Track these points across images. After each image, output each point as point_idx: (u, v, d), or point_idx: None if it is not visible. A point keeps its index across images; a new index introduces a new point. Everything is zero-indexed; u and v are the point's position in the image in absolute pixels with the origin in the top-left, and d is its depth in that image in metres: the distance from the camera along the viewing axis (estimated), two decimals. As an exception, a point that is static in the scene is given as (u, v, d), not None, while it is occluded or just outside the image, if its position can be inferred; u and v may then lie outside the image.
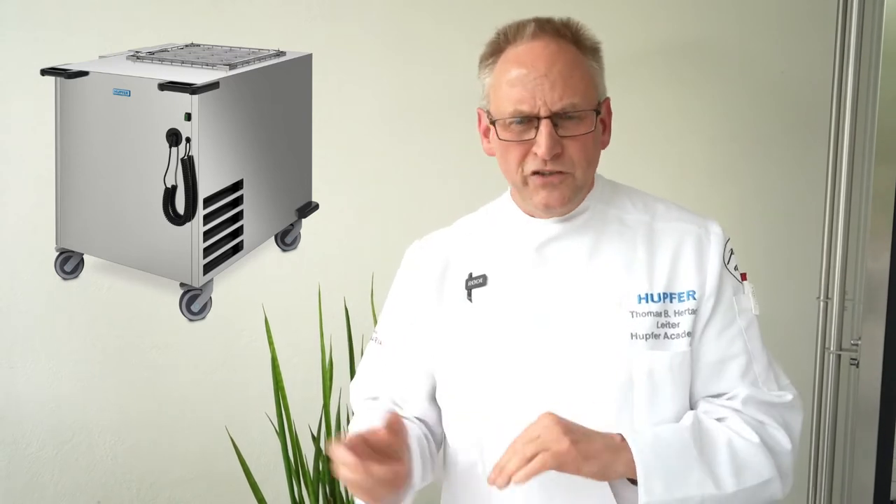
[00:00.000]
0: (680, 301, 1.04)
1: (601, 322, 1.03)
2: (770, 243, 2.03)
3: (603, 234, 1.07)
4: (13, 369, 2.04)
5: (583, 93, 1.01)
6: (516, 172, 1.03)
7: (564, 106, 0.99)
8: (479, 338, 1.07)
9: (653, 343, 1.02)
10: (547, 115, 0.99)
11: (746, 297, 1.07)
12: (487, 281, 1.08)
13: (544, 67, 1.00)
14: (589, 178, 1.05)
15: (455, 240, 1.15)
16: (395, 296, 1.18)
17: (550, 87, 0.99)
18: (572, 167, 1.01)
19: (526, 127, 1.01)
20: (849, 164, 1.76)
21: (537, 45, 1.01)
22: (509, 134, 1.02)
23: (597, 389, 1.02)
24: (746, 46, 2.00)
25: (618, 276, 1.04)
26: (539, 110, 0.99)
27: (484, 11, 1.95)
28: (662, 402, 1.02)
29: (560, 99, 0.99)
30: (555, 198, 1.02)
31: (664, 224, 1.08)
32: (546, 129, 0.99)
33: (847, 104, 1.74)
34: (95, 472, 2.07)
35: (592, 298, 1.04)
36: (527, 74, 1.00)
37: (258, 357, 2.00)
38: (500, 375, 1.05)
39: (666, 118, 2.01)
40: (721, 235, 1.08)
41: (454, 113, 2.01)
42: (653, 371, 1.01)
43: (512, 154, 1.02)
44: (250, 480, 1.86)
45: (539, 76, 0.99)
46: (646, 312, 1.03)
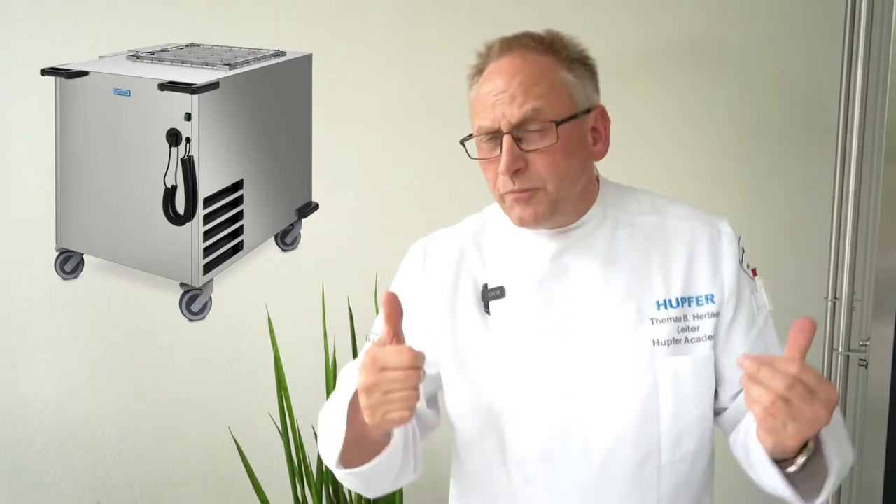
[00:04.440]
0: (699, 304, 1.03)
1: (623, 331, 1.02)
2: (777, 243, 2.01)
3: (615, 239, 1.06)
4: (17, 369, 2.04)
5: (547, 101, 0.98)
6: (494, 190, 1.02)
7: (524, 113, 0.97)
8: (500, 351, 1.05)
9: (675, 348, 1.02)
10: (508, 129, 0.97)
11: (761, 293, 1.08)
12: (505, 293, 1.06)
13: (504, 83, 0.98)
14: (568, 191, 1.01)
15: (464, 244, 1.12)
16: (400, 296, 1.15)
17: (510, 101, 0.97)
18: (542, 181, 0.98)
19: (493, 145, 0.99)
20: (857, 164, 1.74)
21: (503, 61, 1.00)
22: (480, 152, 1.01)
23: (622, 398, 1.02)
24: (753, 46, 1.98)
25: (635, 284, 1.04)
26: (499, 124, 0.97)
27: (485, 11, 1.93)
28: (687, 406, 1.02)
29: (519, 108, 0.97)
30: (528, 213, 1.00)
31: (674, 224, 1.07)
32: (506, 145, 0.97)
33: (856, 103, 1.72)
34: (98, 471, 2.07)
35: (612, 308, 1.03)
36: (489, 92, 0.99)
37: (261, 357, 1.99)
38: (522, 389, 1.04)
39: (672, 119, 2.00)
40: (732, 235, 1.07)
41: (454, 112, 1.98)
42: (677, 376, 1.01)
43: (487, 173, 1.02)
44: (253, 481, 1.86)
45: (499, 92, 0.98)
46: (666, 318, 1.02)
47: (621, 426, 1.01)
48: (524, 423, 1.04)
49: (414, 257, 1.14)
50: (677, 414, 1.02)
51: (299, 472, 1.85)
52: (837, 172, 1.84)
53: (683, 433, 1.02)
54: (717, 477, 1.15)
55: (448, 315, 1.08)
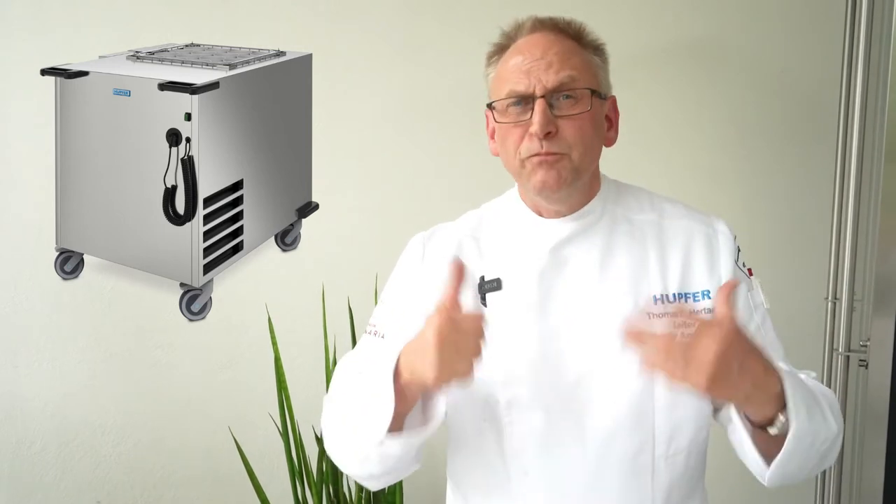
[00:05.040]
0: (695, 300, 1.04)
1: (619, 325, 1.02)
2: (777, 243, 2.01)
3: (613, 234, 1.07)
4: (17, 369, 2.04)
5: (581, 71, 1.02)
6: (514, 157, 1.03)
7: (561, 79, 1.00)
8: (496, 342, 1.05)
9: None
10: (542, 93, 1.00)
11: (757, 292, 1.09)
12: (502, 285, 1.07)
13: (540, 52, 1.02)
14: (587, 163, 1.04)
15: (462, 238, 1.13)
16: (398, 290, 1.15)
17: (546, 67, 1.01)
18: (568, 148, 1.01)
19: (522, 109, 1.02)
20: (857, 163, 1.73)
21: (536, 35, 1.04)
22: (507, 117, 1.03)
23: (618, 392, 1.03)
24: (753, 46, 1.98)
25: (632, 278, 1.05)
26: (534, 89, 1.00)
27: (486, 11, 1.93)
28: (682, 401, 1.03)
29: (556, 74, 1.00)
30: (552, 177, 1.01)
31: (672, 222, 1.08)
32: (540, 107, 0.99)
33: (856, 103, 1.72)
34: (98, 471, 2.07)
35: (609, 301, 1.04)
36: (524, 59, 1.02)
37: (261, 357, 1.99)
38: (518, 380, 1.04)
39: (672, 119, 2.00)
40: (729, 234, 1.09)
41: (455, 112, 1.99)
42: None
43: (510, 138, 1.03)
44: (253, 481, 1.86)
45: (535, 59, 1.02)
46: (662, 314, 1.03)
47: (616, 418, 1.02)
48: (521, 414, 1.04)
49: (413, 250, 1.15)
50: (672, 408, 1.03)
51: (299, 472, 1.85)
52: (837, 172, 1.84)
53: (678, 427, 1.03)
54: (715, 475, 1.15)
55: None
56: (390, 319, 1.14)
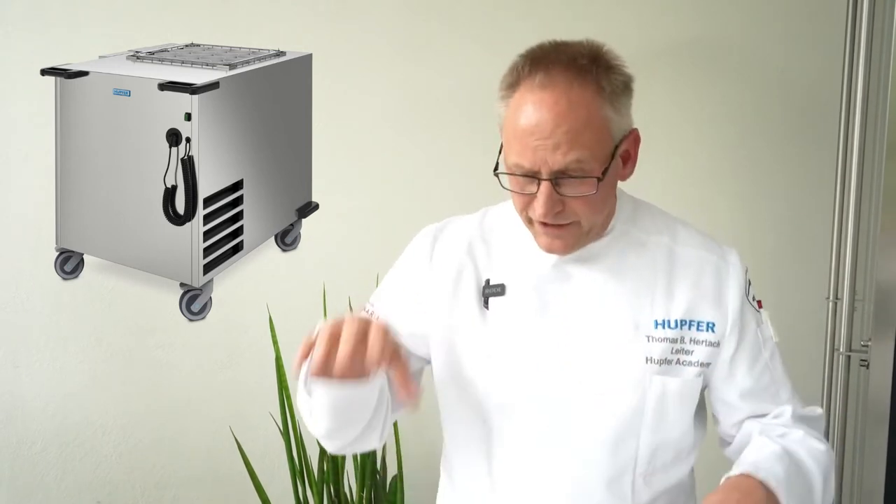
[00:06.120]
0: (698, 330, 1.04)
1: (617, 344, 1.03)
2: (778, 243, 2.01)
3: (624, 254, 1.06)
4: (17, 368, 2.04)
5: (591, 150, 0.94)
6: (522, 213, 1.01)
7: (568, 163, 0.94)
8: (493, 348, 1.06)
9: (665, 368, 1.03)
10: (548, 176, 0.94)
11: (766, 325, 1.09)
12: (506, 291, 1.06)
13: (549, 128, 0.93)
14: (598, 221, 1.02)
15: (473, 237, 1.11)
16: (402, 279, 1.14)
17: (553, 148, 0.93)
18: (576, 217, 0.98)
19: (528, 181, 0.96)
20: (858, 163, 1.73)
21: (546, 95, 0.94)
22: (512, 185, 0.99)
23: (608, 410, 1.02)
24: (752, 45, 1.98)
25: (637, 300, 1.04)
26: (540, 169, 0.94)
27: (485, 11, 1.93)
28: (668, 426, 1.03)
29: (563, 157, 0.93)
30: (558, 245, 1.00)
31: (684, 250, 1.07)
32: (545, 191, 0.95)
33: (856, 102, 1.72)
34: (99, 471, 2.07)
35: (610, 320, 1.04)
36: (532, 133, 0.94)
37: (261, 357, 1.99)
38: (511, 389, 1.04)
39: (672, 119, 2.00)
40: (739, 266, 1.07)
41: (455, 112, 1.99)
42: (664, 396, 1.02)
43: (516, 200, 1.01)
44: (254, 481, 1.86)
45: (543, 137, 0.93)
46: (662, 338, 1.03)
47: (604, 436, 1.02)
48: (511, 422, 1.04)
49: (422, 245, 1.12)
50: (657, 431, 1.03)
51: (300, 472, 1.85)
52: (838, 172, 1.83)
53: (658, 450, 1.04)
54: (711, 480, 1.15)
55: (448, 306, 1.08)
56: (387, 304, 1.13)
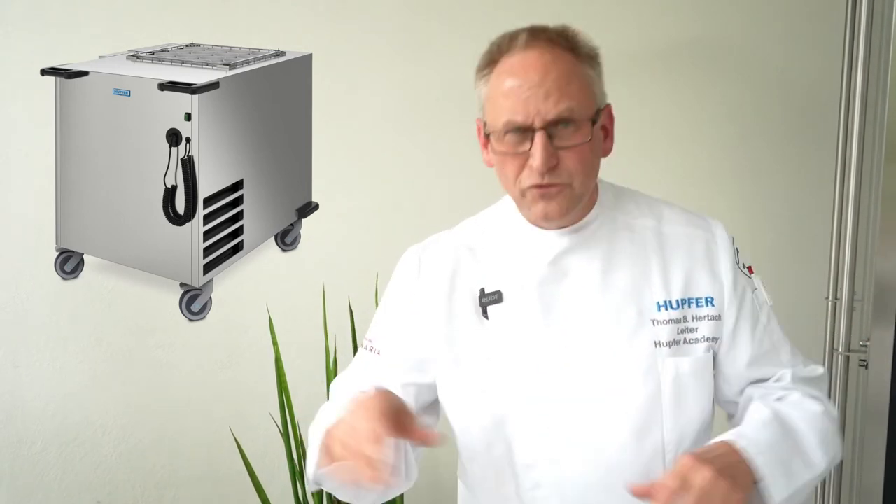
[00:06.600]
0: (698, 306, 1.05)
1: (625, 333, 1.03)
2: (778, 243, 2.01)
3: (614, 242, 1.06)
4: (17, 368, 2.04)
5: (579, 100, 0.97)
6: (514, 185, 1.01)
7: (560, 112, 0.96)
8: (499, 356, 1.05)
9: (675, 350, 1.03)
10: (542, 125, 0.96)
11: (760, 291, 1.10)
12: (503, 297, 1.06)
13: (538, 77, 0.96)
14: (588, 187, 1.02)
15: (459, 249, 1.11)
16: (395, 305, 1.13)
17: (545, 97, 0.95)
18: (569, 178, 0.98)
19: (521, 139, 0.97)
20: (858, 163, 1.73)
21: (531, 54, 0.98)
22: (504, 146, 0.99)
23: (627, 400, 1.02)
24: (752, 46, 1.98)
25: (635, 286, 1.04)
26: (533, 121, 0.96)
27: (485, 11, 1.93)
28: (688, 406, 1.03)
29: (555, 106, 0.95)
30: (553, 209, 1.00)
31: (672, 228, 1.08)
32: (541, 141, 0.95)
33: (856, 102, 1.72)
34: (99, 471, 2.07)
35: (613, 310, 1.04)
36: (520, 85, 0.96)
37: (261, 357, 1.99)
38: (525, 395, 1.04)
39: (672, 119, 2.00)
40: (726, 237, 1.09)
41: (455, 112, 1.99)
42: (679, 377, 1.02)
43: (509, 167, 1.00)
44: (254, 481, 1.86)
45: (533, 86, 0.96)
46: (666, 320, 1.03)
47: (627, 428, 1.01)
48: (530, 428, 1.04)
49: (409, 265, 1.13)
50: (679, 413, 1.03)
51: (300, 472, 1.84)
52: (837, 172, 1.83)
53: (684, 433, 1.03)
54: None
55: (445, 322, 1.08)
56: (387, 336, 1.13)
